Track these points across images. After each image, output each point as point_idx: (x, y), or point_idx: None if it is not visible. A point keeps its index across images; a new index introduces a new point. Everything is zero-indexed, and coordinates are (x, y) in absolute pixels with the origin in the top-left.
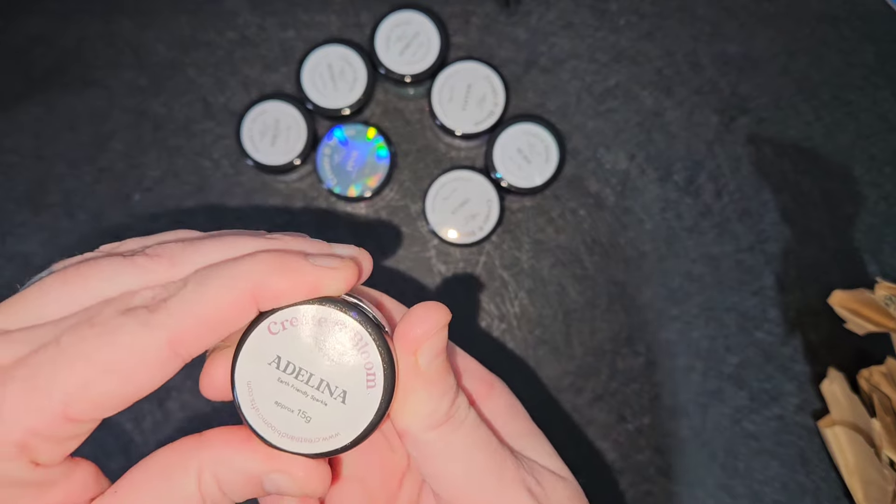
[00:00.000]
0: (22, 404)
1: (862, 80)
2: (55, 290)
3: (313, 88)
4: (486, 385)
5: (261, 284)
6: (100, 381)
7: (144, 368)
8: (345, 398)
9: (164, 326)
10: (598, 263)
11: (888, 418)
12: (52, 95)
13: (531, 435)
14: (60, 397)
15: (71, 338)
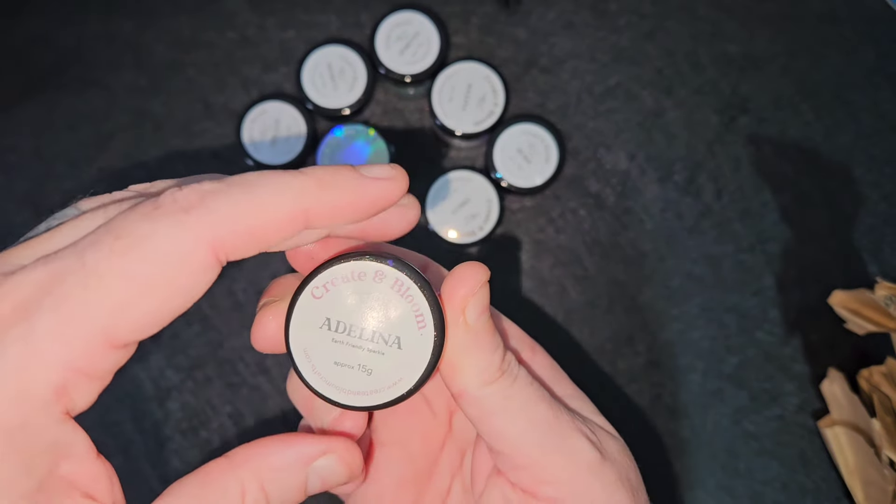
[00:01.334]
0: (58, 337)
1: (862, 80)
2: (81, 229)
3: (313, 88)
4: (528, 348)
5: (314, 198)
6: (140, 297)
7: (187, 276)
8: (400, 344)
9: (205, 225)
10: (598, 263)
11: (888, 418)
12: (52, 95)
13: (576, 397)
14: (99, 323)
15: (96, 254)
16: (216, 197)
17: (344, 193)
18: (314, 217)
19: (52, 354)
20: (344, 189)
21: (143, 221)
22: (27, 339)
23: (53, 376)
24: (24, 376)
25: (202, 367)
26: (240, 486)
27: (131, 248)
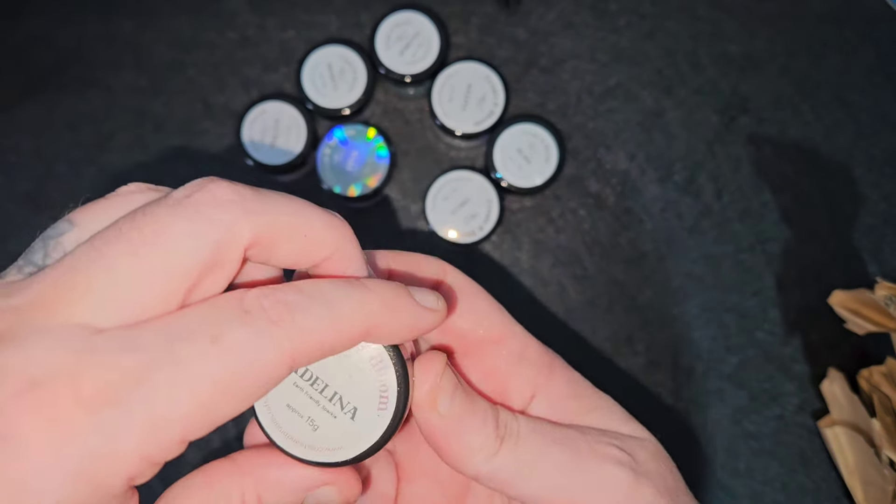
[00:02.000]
0: (141, 432)
1: (862, 81)
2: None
3: (313, 88)
4: (545, 370)
5: (379, 320)
6: (222, 402)
7: (265, 385)
8: (354, 415)
9: (289, 341)
10: (598, 263)
11: (888, 418)
12: (52, 95)
13: (600, 408)
14: (182, 423)
15: (190, 352)
16: (302, 314)
17: (403, 319)
18: (374, 335)
19: (132, 449)
20: (403, 315)
21: (237, 328)
22: (110, 432)
23: (129, 469)
24: (102, 468)
25: None
26: (240, 494)
27: (225, 354)
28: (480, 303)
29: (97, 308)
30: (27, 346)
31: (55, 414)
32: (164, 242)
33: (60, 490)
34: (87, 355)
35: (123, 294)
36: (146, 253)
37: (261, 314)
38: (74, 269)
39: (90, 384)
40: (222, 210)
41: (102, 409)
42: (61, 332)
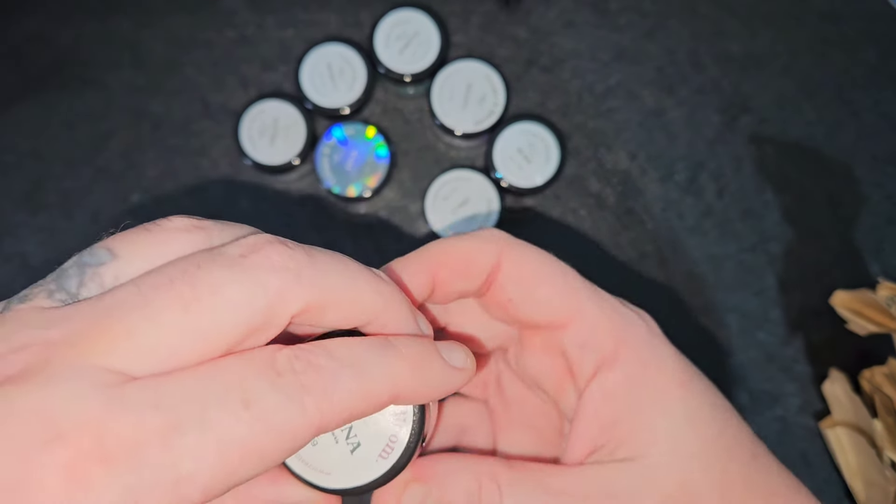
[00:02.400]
0: (163, 496)
1: (864, 80)
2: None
3: (312, 87)
4: (609, 358)
5: (406, 385)
6: (246, 465)
7: (289, 451)
8: (354, 450)
9: (318, 410)
10: (599, 264)
11: (890, 419)
12: (50, 95)
13: None
14: (203, 484)
15: (220, 416)
16: (333, 383)
17: (431, 383)
18: (401, 398)
19: None
20: (431, 379)
21: (270, 393)
22: (131, 490)
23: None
24: None
25: None
26: None
27: (255, 420)
28: (542, 290)
29: (134, 357)
30: (58, 388)
31: (76, 469)
32: (216, 303)
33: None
34: (116, 408)
35: (165, 347)
36: (197, 310)
37: (293, 378)
38: (118, 312)
39: (116, 440)
40: (277, 277)
41: (126, 467)
42: (94, 376)
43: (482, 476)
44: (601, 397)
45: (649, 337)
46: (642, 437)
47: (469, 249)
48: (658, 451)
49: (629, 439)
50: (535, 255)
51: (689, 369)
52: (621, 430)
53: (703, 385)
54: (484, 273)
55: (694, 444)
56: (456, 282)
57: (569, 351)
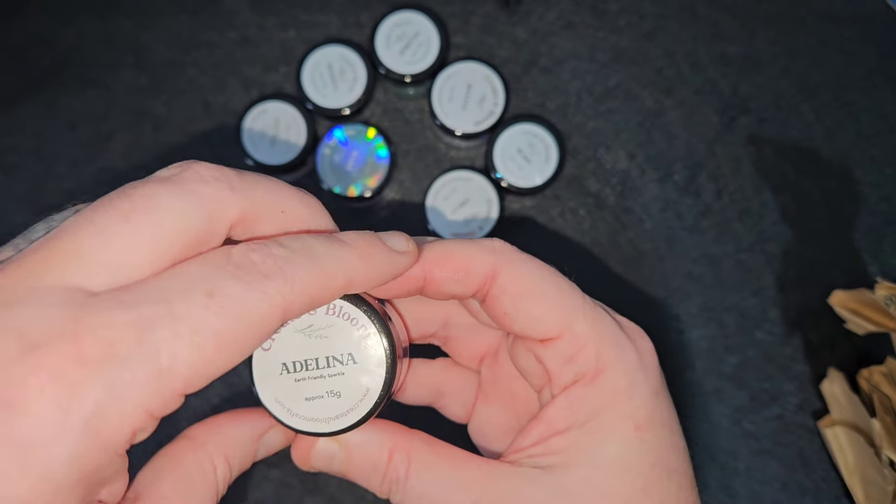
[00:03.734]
0: (145, 386)
1: (863, 81)
2: (118, 233)
3: (313, 88)
4: (588, 375)
5: (357, 270)
6: (222, 353)
7: (260, 337)
8: (354, 357)
9: (280, 294)
10: (598, 263)
11: (888, 418)
12: (52, 95)
13: None
14: (184, 375)
15: (188, 307)
16: (290, 267)
17: (379, 266)
18: (354, 283)
19: (137, 403)
20: (378, 262)
21: (231, 282)
22: (115, 387)
23: (134, 422)
24: (108, 422)
25: None
26: (210, 461)
27: (223, 308)
28: (536, 306)
29: (88, 271)
30: (21, 308)
31: (58, 373)
32: (154, 211)
33: (68, 447)
34: (84, 315)
35: (114, 257)
36: (137, 219)
37: (252, 268)
38: (65, 235)
39: (91, 343)
40: (209, 186)
41: (106, 365)
42: (54, 293)
43: (397, 450)
44: (563, 406)
45: (634, 369)
46: (572, 455)
47: (466, 255)
48: (575, 475)
49: (560, 452)
50: (534, 271)
51: (658, 418)
52: (561, 442)
53: (661, 440)
54: (476, 281)
55: (612, 485)
56: (447, 284)
57: (552, 363)
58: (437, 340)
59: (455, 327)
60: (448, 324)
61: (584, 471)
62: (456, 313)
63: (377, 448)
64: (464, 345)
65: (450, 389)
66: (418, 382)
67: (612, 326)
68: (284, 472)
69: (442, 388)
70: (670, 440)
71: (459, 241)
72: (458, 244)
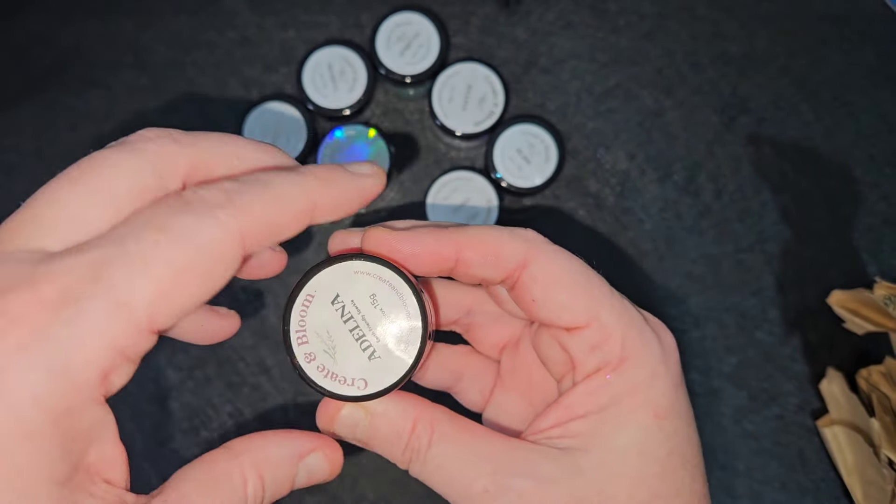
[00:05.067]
0: (107, 321)
1: (862, 81)
2: (71, 195)
3: (314, 89)
4: (612, 363)
5: (319, 194)
6: (181, 285)
7: (221, 266)
8: (389, 329)
9: (235, 220)
10: (598, 263)
11: (887, 418)
12: (52, 95)
13: None
14: (145, 308)
15: (140, 244)
16: (241, 195)
17: (342, 189)
18: (319, 211)
19: (101, 339)
20: (341, 185)
21: (180, 216)
22: (76, 324)
23: (101, 360)
24: (74, 360)
25: (202, 367)
26: (241, 475)
27: (175, 240)
28: (564, 295)
29: (45, 233)
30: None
31: (18, 317)
32: (104, 170)
33: (35, 385)
34: (41, 266)
35: (71, 218)
36: (84, 179)
37: (202, 202)
38: (25, 208)
39: (49, 288)
40: (153, 143)
41: (64, 306)
42: (16, 255)
43: (420, 420)
44: (585, 392)
45: (657, 361)
46: (590, 439)
47: (498, 241)
48: (591, 458)
49: (578, 436)
50: (563, 260)
51: (677, 409)
52: (580, 426)
53: (679, 430)
54: (507, 267)
55: (627, 468)
56: (478, 267)
57: (577, 350)
58: (460, 328)
59: (478, 315)
60: (472, 311)
61: (600, 454)
62: (480, 302)
63: (401, 418)
64: (486, 333)
65: (469, 374)
66: (439, 364)
67: (637, 318)
68: None
69: (461, 371)
70: (687, 432)
71: (494, 227)
72: (491, 230)
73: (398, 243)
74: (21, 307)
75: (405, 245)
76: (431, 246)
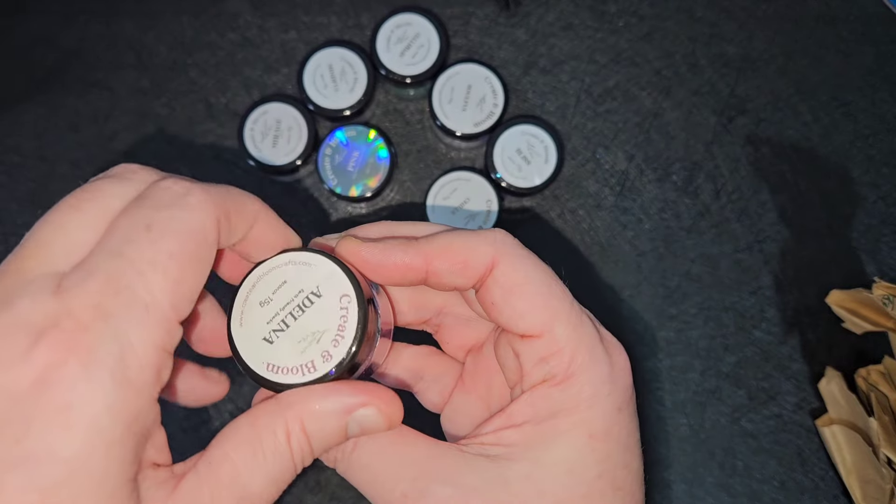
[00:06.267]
0: (143, 324)
1: (860, 81)
2: (73, 222)
3: (314, 89)
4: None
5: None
6: (185, 271)
7: (206, 248)
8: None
9: (204, 201)
10: (597, 263)
11: (886, 417)
12: (55, 96)
13: None
14: (168, 301)
15: (138, 248)
16: (200, 184)
17: None
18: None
19: (145, 343)
20: None
21: (158, 211)
22: (120, 336)
23: (152, 361)
24: (131, 368)
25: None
26: (284, 426)
27: (164, 233)
28: (522, 303)
29: (57, 258)
30: (17, 303)
31: (70, 344)
32: (98, 197)
33: (104, 399)
34: (63, 294)
35: (72, 241)
36: (85, 207)
37: (167, 194)
38: (31, 236)
39: (83, 312)
40: (138, 174)
41: (104, 323)
42: (37, 283)
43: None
44: (527, 403)
45: (602, 381)
46: (520, 450)
47: (465, 248)
48: (517, 469)
49: (510, 445)
50: (528, 267)
51: (615, 433)
52: (514, 435)
53: (612, 455)
54: (476, 273)
55: (551, 486)
56: (448, 275)
57: (526, 359)
58: (430, 328)
59: (449, 317)
60: (442, 312)
61: (527, 466)
62: (451, 303)
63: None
64: (454, 335)
65: (430, 374)
66: (400, 364)
67: (591, 336)
68: None
69: (422, 371)
70: (623, 458)
71: (461, 232)
72: (459, 236)
73: (368, 255)
74: (69, 337)
75: (374, 257)
76: (400, 259)
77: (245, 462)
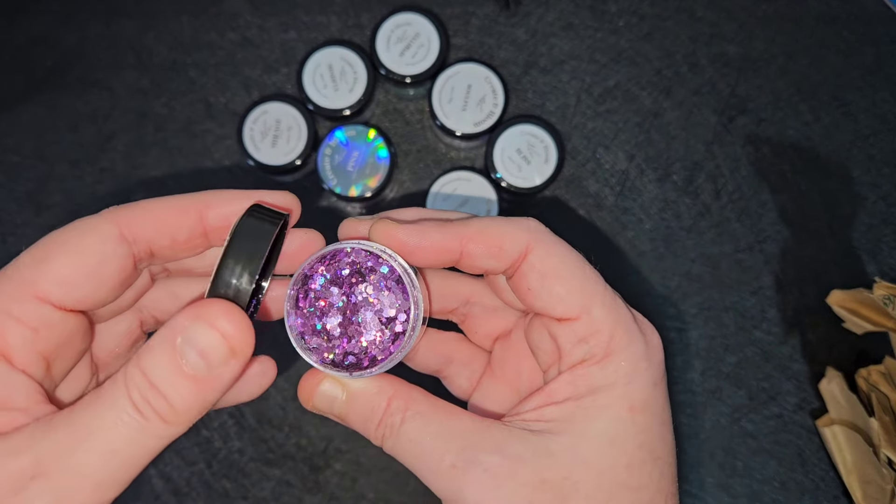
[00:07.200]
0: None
1: (861, 81)
2: (59, 253)
3: (314, 89)
4: (598, 356)
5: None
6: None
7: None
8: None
9: (113, 213)
10: (597, 263)
11: (886, 417)
12: (54, 96)
13: None
14: (26, 276)
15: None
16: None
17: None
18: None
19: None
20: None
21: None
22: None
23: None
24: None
25: None
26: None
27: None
28: (559, 286)
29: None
30: None
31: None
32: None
33: None
34: None
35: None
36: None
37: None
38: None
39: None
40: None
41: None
42: None
43: (395, 398)
44: (567, 381)
45: (639, 357)
46: (563, 424)
47: (501, 232)
48: (561, 442)
49: (553, 420)
50: (562, 252)
51: (652, 406)
52: (556, 411)
53: (651, 426)
54: (510, 258)
55: (595, 456)
56: (482, 258)
57: (565, 341)
58: (457, 317)
59: (475, 306)
60: (469, 302)
61: (570, 439)
62: (478, 293)
63: (377, 395)
64: (481, 324)
65: (458, 360)
66: (431, 348)
67: (626, 316)
68: (284, 471)
69: (452, 356)
70: (660, 430)
71: (497, 218)
72: (495, 221)
73: (405, 236)
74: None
75: (411, 238)
76: (437, 240)
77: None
